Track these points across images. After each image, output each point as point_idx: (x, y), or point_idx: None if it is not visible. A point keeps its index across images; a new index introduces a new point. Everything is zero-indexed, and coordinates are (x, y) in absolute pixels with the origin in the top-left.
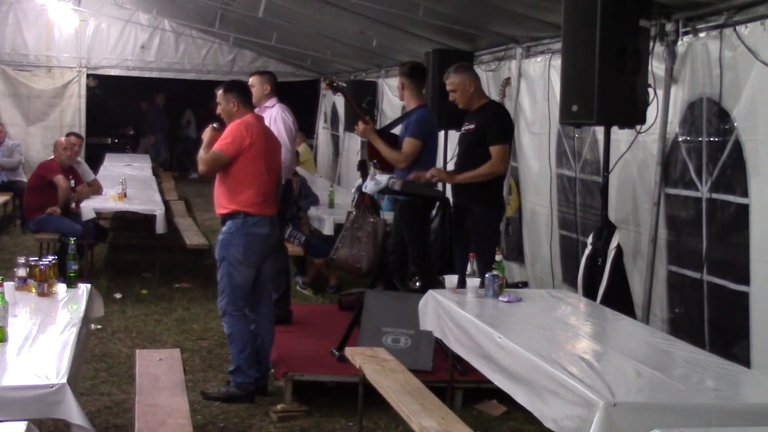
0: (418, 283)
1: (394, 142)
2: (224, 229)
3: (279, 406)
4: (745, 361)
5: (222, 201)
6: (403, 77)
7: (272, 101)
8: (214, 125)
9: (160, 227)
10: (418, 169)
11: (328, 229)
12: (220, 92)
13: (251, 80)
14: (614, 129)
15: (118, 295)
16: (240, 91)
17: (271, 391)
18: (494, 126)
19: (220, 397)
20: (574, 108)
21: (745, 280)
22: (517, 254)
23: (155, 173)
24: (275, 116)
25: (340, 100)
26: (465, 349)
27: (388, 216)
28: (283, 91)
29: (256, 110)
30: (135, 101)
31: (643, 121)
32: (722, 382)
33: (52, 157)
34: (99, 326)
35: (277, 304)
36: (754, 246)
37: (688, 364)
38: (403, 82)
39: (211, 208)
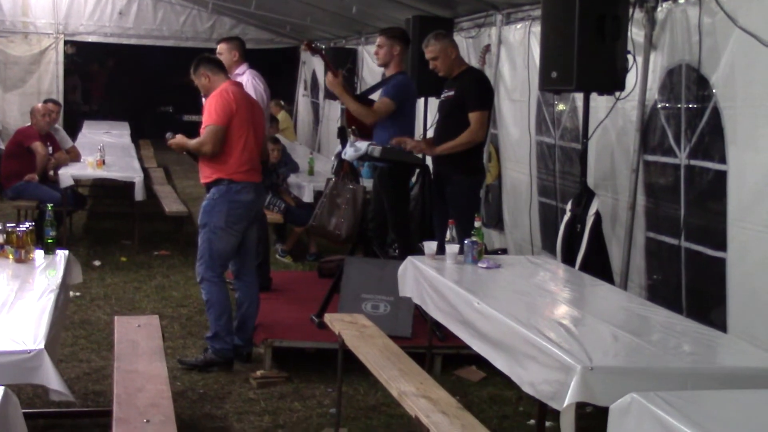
0: (397, 250)
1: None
2: (208, 195)
3: (259, 373)
4: (721, 326)
5: (206, 170)
6: (398, 41)
7: (242, 68)
8: (168, 135)
9: (139, 194)
10: (395, 134)
11: (307, 197)
12: (191, 74)
13: (219, 48)
14: (593, 96)
15: (97, 263)
16: (208, 62)
17: (252, 358)
18: (473, 93)
19: (198, 365)
20: (554, 74)
21: (722, 246)
22: (496, 221)
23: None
24: (246, 84)
25: (320, 68)
26: (444, 315)
27: (368, 183)
28: (262, 58)
29: None
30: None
31: (622, 87)
32: (698, 346)
33: (30, 123)
34: (78, 293)
35: (257, 272)
36: (731, 213)
37: (664, 328)
38: (401, 47)
39: (190, 175)
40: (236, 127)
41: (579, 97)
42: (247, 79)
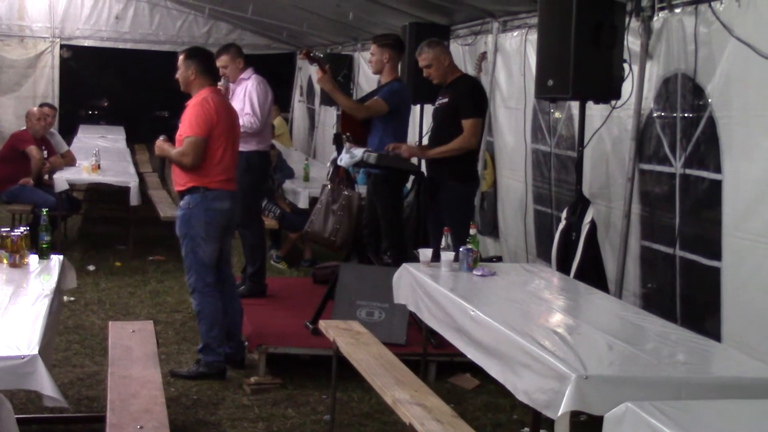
0: (390, 257)
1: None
2: (182, 204)
3: (253, 379)
4: (715, 335)
5: (181, 178)
6: (388, 49)
7: (248, 73)
8: (162, 138)
9: (134, 199)
10: (388, 141)
11: (303, 203)
12: (181, 58)
13: (221, 61)
14: (589, 104)
15: (91, 267)
16: (201, 59)
17: (245, 363)
18: (467, 100)
19: (190, 377)
20: (550, 83)
21: (717, 255)
22: (491, 229)
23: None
24: (250, 89)
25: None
26: (439, 323)
27: (363, 189)
28: (258, 64)
29: (232, 85)
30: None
31: (618, 96)
32: (693, 355)
33: (25, 127)
34: (72, 298)
35: (252, 278)
36: (726, 222)
37: (659, 337)
38: (390, 54)
39: None
40: (216, 138)
41: (575, 105)
42: (252, 84)
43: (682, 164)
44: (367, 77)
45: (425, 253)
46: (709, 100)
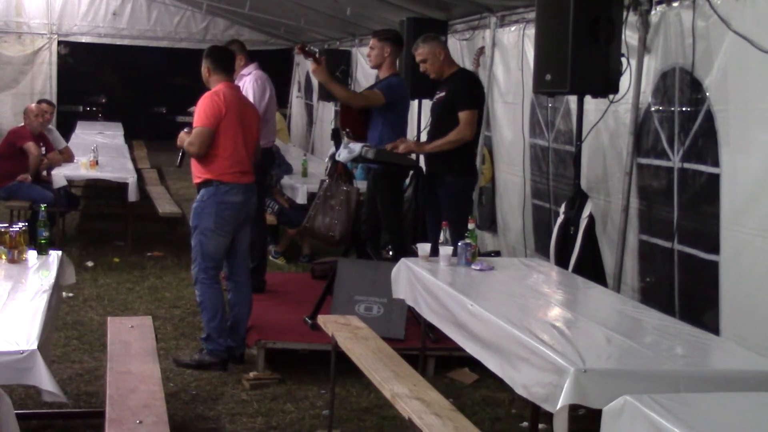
0: (390, 252)
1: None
2: (198, 197)
3: (251, 374)
4: (714, 329)
5: (196, 170)
6: (388, 43)
7: (249, 68)
8: (185, 130)
9: (132, 195)
10: (387, 136)
11: (301, 198)
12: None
13: None
14: (587, 98)
15: (90, 263)
16: (214, 57)
17: (244, 359)
18: (462, 92)
19: (192, 365)
20: (548, 77)
21: (715, 249)
22: (490, 224)
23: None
24: (247, 86)
25: None
26: (437, 317)
27: (361, 185)
28: (256, 60)
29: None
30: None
31: (616, 90)
32: (691, 349)
33: (23, 124)
34: (71, 294)
35: (252, 274)
36: (724, 216)
37: (658, 331)
38: (391, 48)
39: (184, 176)
40: (224, 130)
41: (573, 99)
42: (249, 81)
43: (680, 158)
44: (365, 73)
45: (424, 248)
46: (707, 94)
